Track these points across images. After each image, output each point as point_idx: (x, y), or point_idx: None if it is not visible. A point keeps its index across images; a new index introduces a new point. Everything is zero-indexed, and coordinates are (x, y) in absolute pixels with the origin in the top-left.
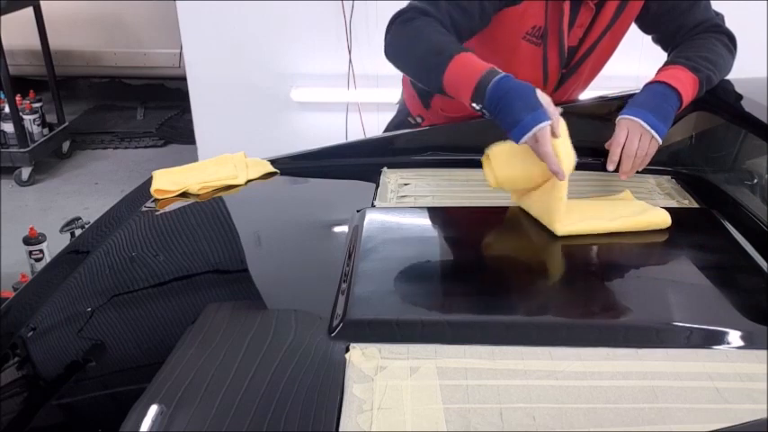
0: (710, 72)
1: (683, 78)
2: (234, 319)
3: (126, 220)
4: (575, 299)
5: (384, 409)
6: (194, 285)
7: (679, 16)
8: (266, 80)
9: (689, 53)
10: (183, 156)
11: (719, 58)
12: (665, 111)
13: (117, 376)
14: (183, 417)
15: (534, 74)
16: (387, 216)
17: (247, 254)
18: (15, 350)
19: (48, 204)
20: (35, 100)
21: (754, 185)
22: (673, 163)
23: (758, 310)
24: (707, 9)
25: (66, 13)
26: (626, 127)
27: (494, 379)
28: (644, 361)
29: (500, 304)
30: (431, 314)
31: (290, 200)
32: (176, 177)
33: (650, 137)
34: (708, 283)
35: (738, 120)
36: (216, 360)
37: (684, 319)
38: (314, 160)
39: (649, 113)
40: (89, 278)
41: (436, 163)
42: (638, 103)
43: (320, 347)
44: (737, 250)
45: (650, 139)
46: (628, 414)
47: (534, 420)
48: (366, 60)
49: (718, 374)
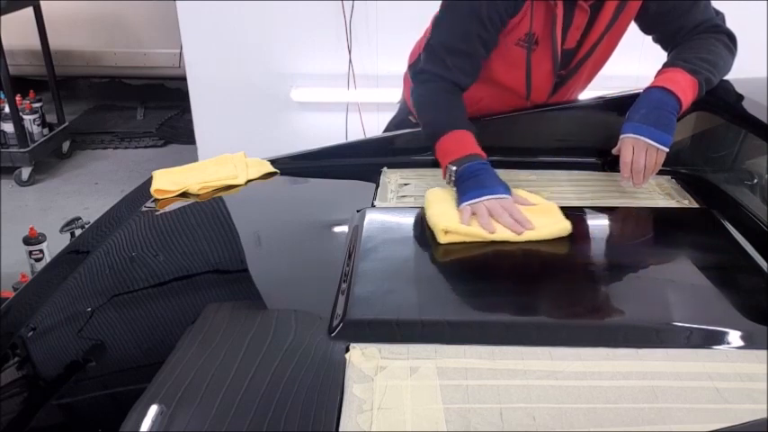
0: (709, 73)
1: (682, 81)
2: (234, 319)
3: (126, 221)
4: (575, 299)
5: (384, 409)
6: (194, 285)
7: (679, 17)
8: (266, 80)
9: (687, 54)
10: (183, 156)
11: (719, 59)
12: (667, 120)
13: (117, 376)
14: (183, 417)
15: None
16: (387, 216)
17: (247, 254)
18: (15, 350)
19: (48, 204)
20: (35, 100)
21: (754, 185)
22: (673, 163)
23: (758, 310)
24: (707, 9)
25: (66, 13)
26: (631, 145)
27: (494, 379)
28: (644, 361)
29: (500, 304)
30: (431, 314)
31: (290, 200)
32: (176, 177)
33: (656, 150)
34: (708, 283)
35: (738, 120)
36: (216, 360)
37: (684, 319)
38: (314, 160)
39: (652, 128)
40: (89, 278)
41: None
42: (638, 118)
43: (320, 347)
44: (737, 250)
45: (656, 152)
46: (628, 414)
47: (534, 420)
48: (366, 60)
49: (718, 374)
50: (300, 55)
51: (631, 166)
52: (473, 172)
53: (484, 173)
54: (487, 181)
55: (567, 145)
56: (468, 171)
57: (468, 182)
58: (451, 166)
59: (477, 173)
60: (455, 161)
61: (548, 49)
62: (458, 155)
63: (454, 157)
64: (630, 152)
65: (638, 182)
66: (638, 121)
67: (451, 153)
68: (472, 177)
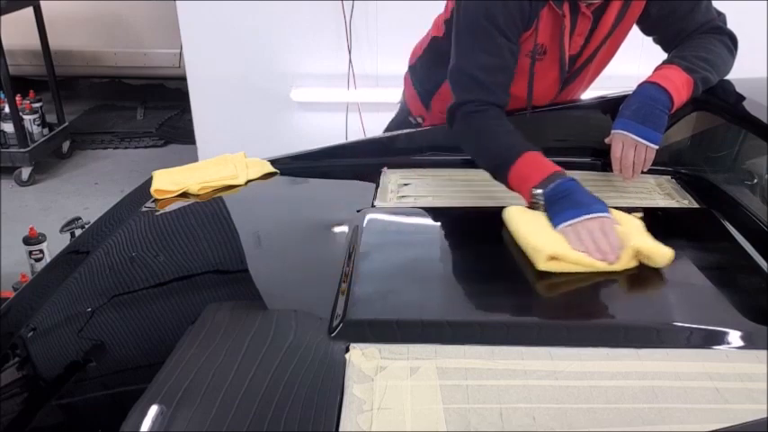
0: (707, 72)
1: (676, 79)
2: (234, 319)
3: (126, 221)
4: (575, 299)
5: (384, 409)
6: (194, 285)
7: (680, 19)
8: (266, 80)
9: (686, 53)
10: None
11: (718, 58)
12: (656, 117)
13: (117, 376)
14: (183, 417)
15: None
16: (387, 216)
17: (247, 254)
18: (15, 350)
19: (48, 204)
20: (35, 100)
21: (754, 185)
22: (673, 163)
23: (758, 310)
24: (708, 10)
25: (66, 13)
26: (620, 141)
27: (494, 379)
28: (644, 361)
29: (500, 304)
30: (431, 314)
31: (290, 200)
32: (176, 177)
33: (645, 147)
34: (708, 283)
35: (738, 120)
36: (216, 360)
37: (685, 319)
38: (314, 160)
39: (640, 125)
40: (89, 278)
41: (436, 163)
42: (628, 114)
43: (320, 347)
44: (737, 250)
45: (645, 149)
46: (628, 414)
47: (534, 420)
48: (366, 60)
49: (718, 374)
50: (300, 55)
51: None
52: (564, 191)
53: (576, 191)
54: (582, 198)
55: (566, 145)
56: (558, 191)
57: (562, 202)
58: (536, 191)
59: (568, 192)
60: (538, 184)
61: (555, 58)
62: (539, 177)
63: (536, 181)
64: (620, 148)
65: (628, 176)
66: (627, 118)
67: (531, 178)
68: (564, 197)
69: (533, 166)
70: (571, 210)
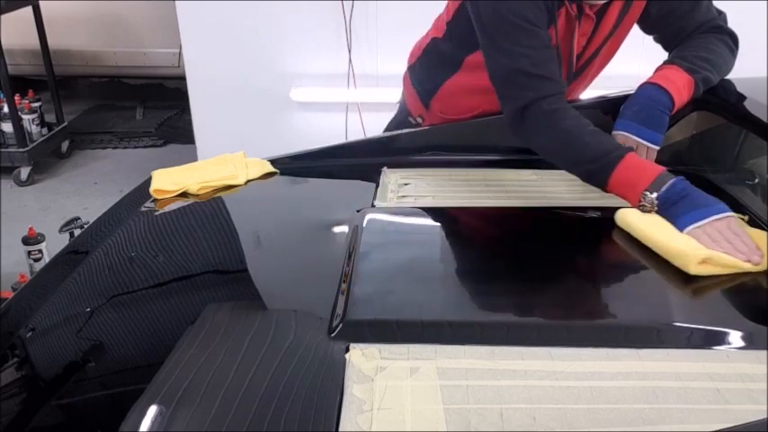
0: (708, 72)
1: (677, 80)
2: (234, 319)
3: (125, 221)
4: (575, 299)
5: (384, 410)
6: (194, 285)
7: (680, 18)
8: (266, 80)
9: (686, 53)
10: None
11: (718, 58)
12: (657, 118)
13: (117, 376)
14: (182, 417)
15: None
16: (387, 216)
17: (247, 254)
18: (15, 350)
19: (47, 204)
20: (34, 99)
21: (754, 185)
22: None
23: (758, 310)
24: (708, 10)
25: (65, 13)
26: (621, 141)
27: (494, 379)
28: (644, 361)
29: (500, 304)
30: (431, 314)
31: (290, 200)
32: (176, 177)
33: (645, 148)
34: (708, 283)
35: (739, 120)
36: (216, 360)
37: (685, 320)
38: (314, 160)
39: (641, 126)
40: (88, 278)
41: (436, 163)
42: (629, 115)
43: (320, 347)
44: None
45: (646, 150)
46: (628, 414)
47: (534, 421)
48: (366, 60)
49: (718, 375)
50: (300, 55)
51: None
52: (679, 193)
53: (691, 191)
54: (701, 199)
55: None
56: (673, 193)
57: (680, 204)
58: (649, 194)
59: (684, 193)
60: (649, 187)
61: (565, 59)
62: (647, 181)
63: (646, 185)
64: None
65: None
66: (629, 119)
67: (639, 182)
68: (681, 199)
69: (636, 169)
70: (694, 211)
